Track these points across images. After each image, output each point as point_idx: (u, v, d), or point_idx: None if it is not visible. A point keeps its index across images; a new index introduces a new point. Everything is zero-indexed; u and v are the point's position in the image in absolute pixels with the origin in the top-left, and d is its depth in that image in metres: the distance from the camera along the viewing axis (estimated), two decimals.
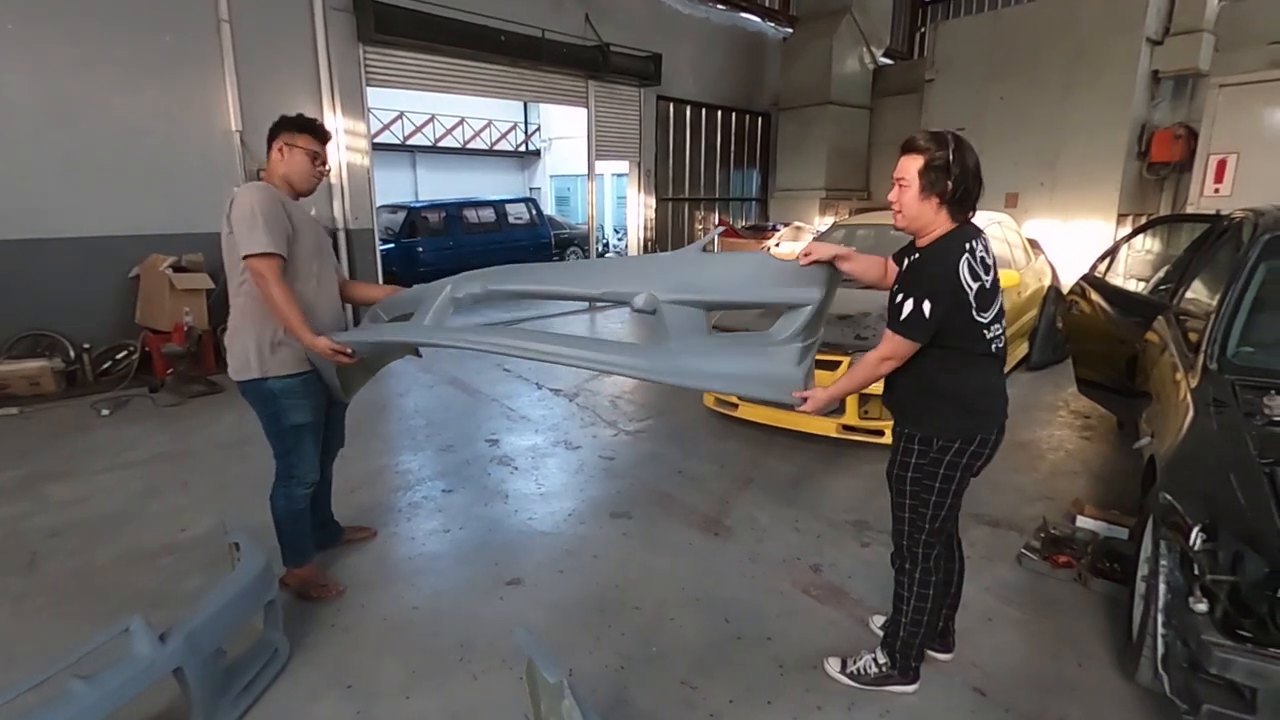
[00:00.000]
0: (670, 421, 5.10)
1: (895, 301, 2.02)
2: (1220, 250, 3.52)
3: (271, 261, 2.41)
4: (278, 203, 2.49)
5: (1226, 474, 2.02)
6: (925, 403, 2.11)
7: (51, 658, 1.90)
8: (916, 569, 2.23)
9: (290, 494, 2.75)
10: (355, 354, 2.54)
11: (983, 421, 2.10)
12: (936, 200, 1.98)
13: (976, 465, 2.13)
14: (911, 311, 1.97)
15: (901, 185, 2.02)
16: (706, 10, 11.60)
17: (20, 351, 5.76)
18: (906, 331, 2.00)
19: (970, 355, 2.05)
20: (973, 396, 2.09)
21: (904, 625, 2.26)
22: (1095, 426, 4.93)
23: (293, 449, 2.70)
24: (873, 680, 2.32)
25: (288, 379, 2.59)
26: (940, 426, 2.09)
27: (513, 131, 23.05)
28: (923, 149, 1.98)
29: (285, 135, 2.60)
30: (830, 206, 11.38)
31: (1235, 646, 1.75)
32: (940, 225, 2.02)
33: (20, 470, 4.15)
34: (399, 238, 10.90)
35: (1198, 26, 8.12)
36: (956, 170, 1.94)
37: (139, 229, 6.26)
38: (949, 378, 2.06)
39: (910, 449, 2.15)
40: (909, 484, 2.17)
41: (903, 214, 2.05)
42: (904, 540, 2.24)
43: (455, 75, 8.33)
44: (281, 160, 2.60)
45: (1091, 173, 8.56)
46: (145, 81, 6.16)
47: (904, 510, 2.21)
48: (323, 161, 2.68)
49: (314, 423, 2.72)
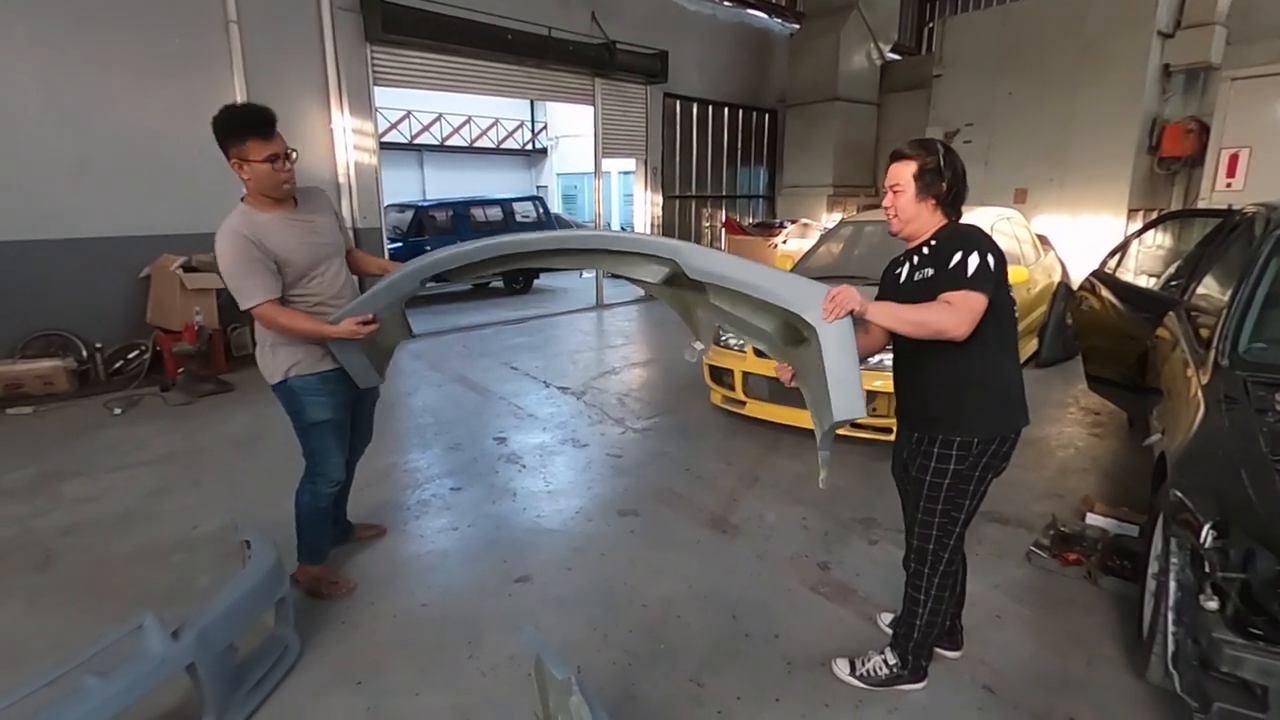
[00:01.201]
0: (678, 419, 5.10)
1: (950, 266, 1.92)
2: (1232, 245, 3.49)
3: (266, 306, 2.40)
4: (249, 246, 2.35)
5: (1238, 471, 2.00)
6: (964, 401, 2.04)
7: (66, 654, 1.93)
8: (937, 573, 2.18)
9: (316, 491, 2.77)
10: (376, 317, 2.50)
11: (1017, 414, 2.10)
12: (933, 202, 2.04)
13: (1005, 463, 2.12)
14: (979, 265, 1.90)
15: (896, 191, 2.06)
16: (713, 7, 11.57)
17: (34, 351, 5.82)
18: (980, 285, 1.89)
19: (1005, 341, 2.06)
20: (1010, 387, 2.08)
21: (919, 627, 2.25)
22: (1105, 423, 4.90)
23: (317, 446, 2.72)
24: (883, 681, 2.31)
25: (307, 376, 2.61)
26: (979, 425, 2.04)
27: (519, 130, 23.10)
28: (914, 155, 2.03)
29: (233, 149, 2.35)
30: (837, 203, 11.33)
31: (1246, 644, 1.74)
32: (936, 226, 2.07)
33: (34, 469, 4.19)
34: (407, 236, 10.93)
35: (1209, 19, 8.03)
36: (949, 173, 2.01)
37: (149, 229, 6.31)
38: (987, 369, 2.01)
39: (947, 455, 2.07)
40: (944, 490, 2.09)
41: (899, 218, 2.08)
42: (930, 545, 2.16)
43: (462, 74, 8.34)
44: (247, 178, 2.40)
45: (1101, 168, 8.49)
46: (154, 83, 6.20)
47: (934, 516, 2.13)
48: (284, 157, 2.40)
49: (335, 420, 2.72)
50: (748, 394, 4.63)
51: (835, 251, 6.01)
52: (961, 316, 1.87)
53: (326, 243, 2.62)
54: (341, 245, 2.72)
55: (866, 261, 5.70)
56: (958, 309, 1.87)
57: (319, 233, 2.60)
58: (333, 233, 2.68)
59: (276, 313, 2.42)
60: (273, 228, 2.43)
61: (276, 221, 2.45)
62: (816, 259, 6.02)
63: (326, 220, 2.66)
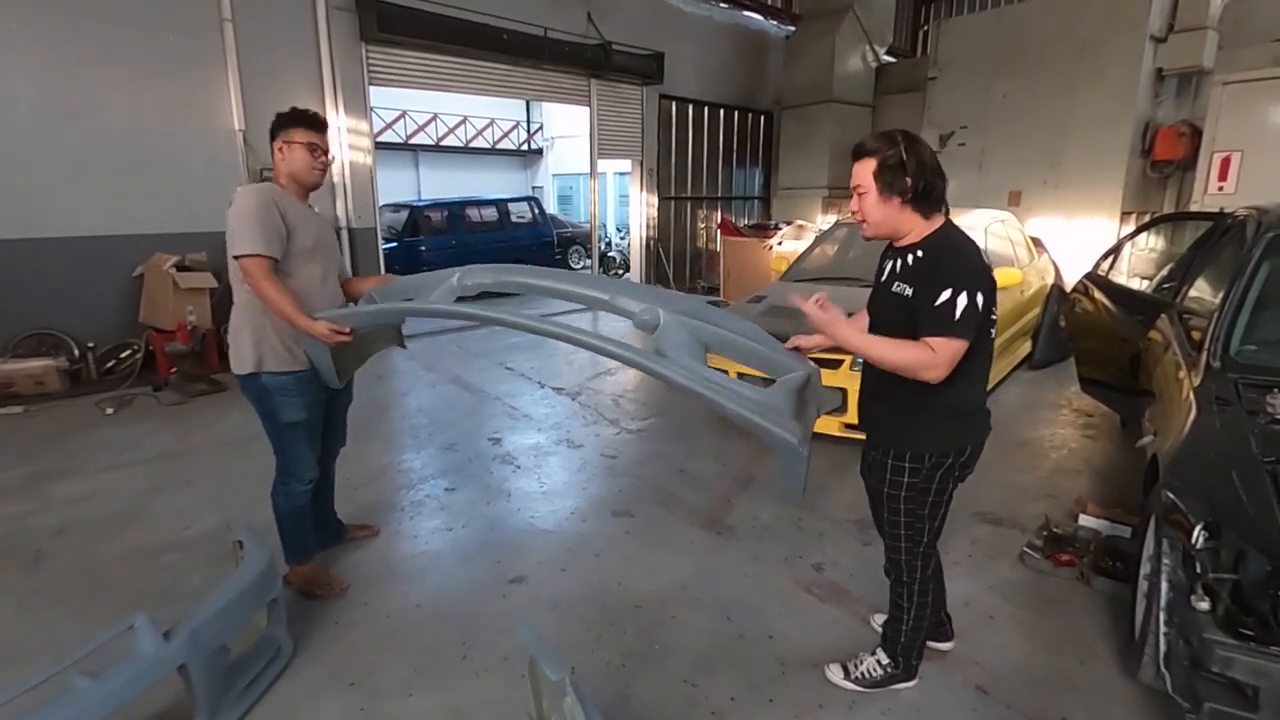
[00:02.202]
0: (672, 420, 5.10)
1: (936, 302, 1.80)
2: (1224, 248, 3.51)
3: (260, 261, 2.44)
4: (271, 204, 2.51)
5: (1229, 472, 2.02)
6: (920, 419, 1.99)
7: (57, 655, 1.91)
8: (915, 581, 2.19)
9: (290, 491, 2.77)
10: (353, 332, 2.54)
11: (978, 427, 2.05)
12: (898, 200, 1.91)
13: (967, 472, 2.08)
14: (966, 306, 1.78)
15: (860, 192, 1.97)
16: (709, 9, 11.57)
17: (25, 350, 5.78)
18: (965, 331, 1.79)
19: (976, 370, 1.96)
20: (970, 404, 2.01)
21: (905, 632, 2.26)
22: (1098, 425, 4.92)
23: (289, 446, 2.73)
24: (878, 682, 2.32)
25: (281, 375, 2.61)
26: (931, 442, 2.00)
27: (515, 130, 23.06)
28: (873, 150, 1.92)
29: (281, 134, 2.63)
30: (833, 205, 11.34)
31: (1237, 645, 1.75)
32: (916, 225, 1.95)
33: (25, 468, 4.17)
34: (402, 236, 10.92)
35: (1202, 24, 8.06)
36: (912, 165, 1.87)
37: (143, 228, 6.28)
38: (950, 393, 1.91)
39: (900, 467, 2.04)
40: (903, 504, 2.08)
41: (868, 222, 1.99)
42: (901, 556, 2.17)
43: (458, 74, 8.33)
44: (283, 159, 2.63)
45: (1095, 170, 8.52)
46: (148, 81, 6.17)
47: (899, 528, 2.13)
48: (323, 151, 2.69)
49: (308, 420, 2.73)
50: None
51: (830, 253, 6.03)
52: (941, 364, 1.80)
53: (329, 243, 2.82)
54: (338, 256, 2.90)
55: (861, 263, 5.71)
56: (939, 356, 1.79)
57: (325, 232, 2.82)
58: (334, 243, 2.90)
59: (267, 272, 2.46)
60: (294, 203, 2.63)
61: (297, 202, 2.66)
62: (811, 260, 6.04)
63: (330, 234, 2.90)
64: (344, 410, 3.10)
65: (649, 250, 11.34)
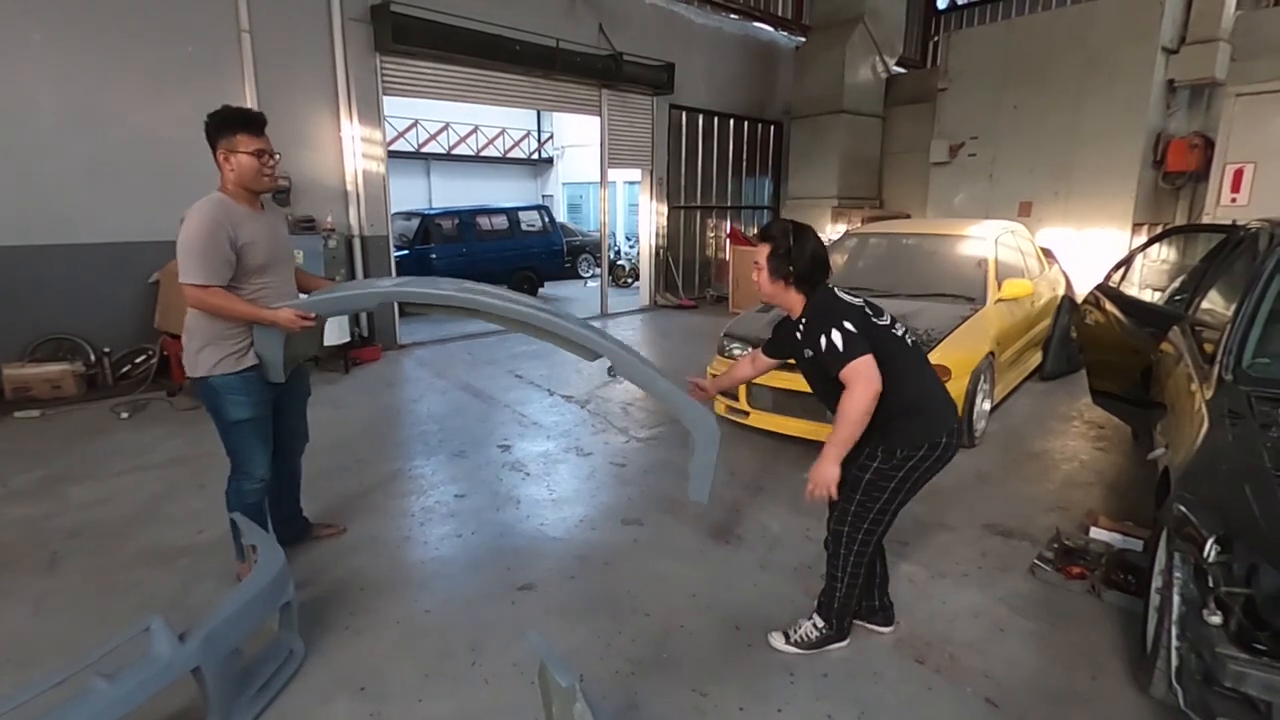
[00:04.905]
0: (681, 429, 5.05)
1: (823, 349, 2.18)
2: (1236, 260, 3.50)
3: (206, 291, 2.49)
4: (220, 227, 2.49)
5: (1241, 486, 2.01)
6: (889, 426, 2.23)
7: (72, 656, 1.94)
8: (851, 553, 2.40)
9: (240, 489, 2.84)
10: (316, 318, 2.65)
11: (938, 421, 2.30)
12: (783, 282, 2.31)
13: (940, 466, 2.29)
14: (843, 336, 2.16)
15: (757, 268, 2.35)
16: (719, 20, 11.64)
17: (42, 355, 5.86)
18: (857, 350, 2.14)
19: (901, 367, 2.24)
20: (920, 397, 2.29)
21: (838, 597, 2.48)
22: (1110, 437, 4.90)
23: (238, 445, 2.79)
24: (814, 644, 2.54)
25: (228, 376, 2.66)
26: (904, 439, 2.25)
27: (526, 139, 23.22)
28: (767, 238, 2.33)
29: (223, 141, 2.53)
30: (842, 215, 11.34)
31: (1250, 659, 1.74)
32: (799, 301, 2.33)
33: (41, 472, 4.22)
34: (413, 244, 10.98)
35: (1214, 35, 8.06)
36: (797, 255, 2.26)
37: (159, 235, 6.31)
38: (893, 392, 2.17)
39: (874, 453, 2.28)
40: (863, 485, 2.31)
41: (762, 293, 2.40)
42: (843, 529, 2.38)
43: (470, 84, 8.40)
44: (230, 169, 2.56)
45: (1106, 182, 8.50)
46: (167, 91, 6.26)
47: (850, 505, 2.35)
48: (270, 154, 2.60)
49: (255, 419, 2.77)
50: (752, 404, 4.64)
51: (840, 263, 6.03)
52: (864, 379, 2.13)
53: (283, 246, 2.83)
54: (292, 255, 2.92)
55: (871, 273, 5.73)
56: (857, 381, 2.13)
57: (278, 236, 2.80)
58: (288, 241, 2.90)
59: (213, 294, 2.50)
60: (244, 217, 2.60)
61: (247, 214, 2.62)
62: None
63: (283, 230, 2.88)
64: (302, 406, 3.14)
65: (658, 259, 11.37)
